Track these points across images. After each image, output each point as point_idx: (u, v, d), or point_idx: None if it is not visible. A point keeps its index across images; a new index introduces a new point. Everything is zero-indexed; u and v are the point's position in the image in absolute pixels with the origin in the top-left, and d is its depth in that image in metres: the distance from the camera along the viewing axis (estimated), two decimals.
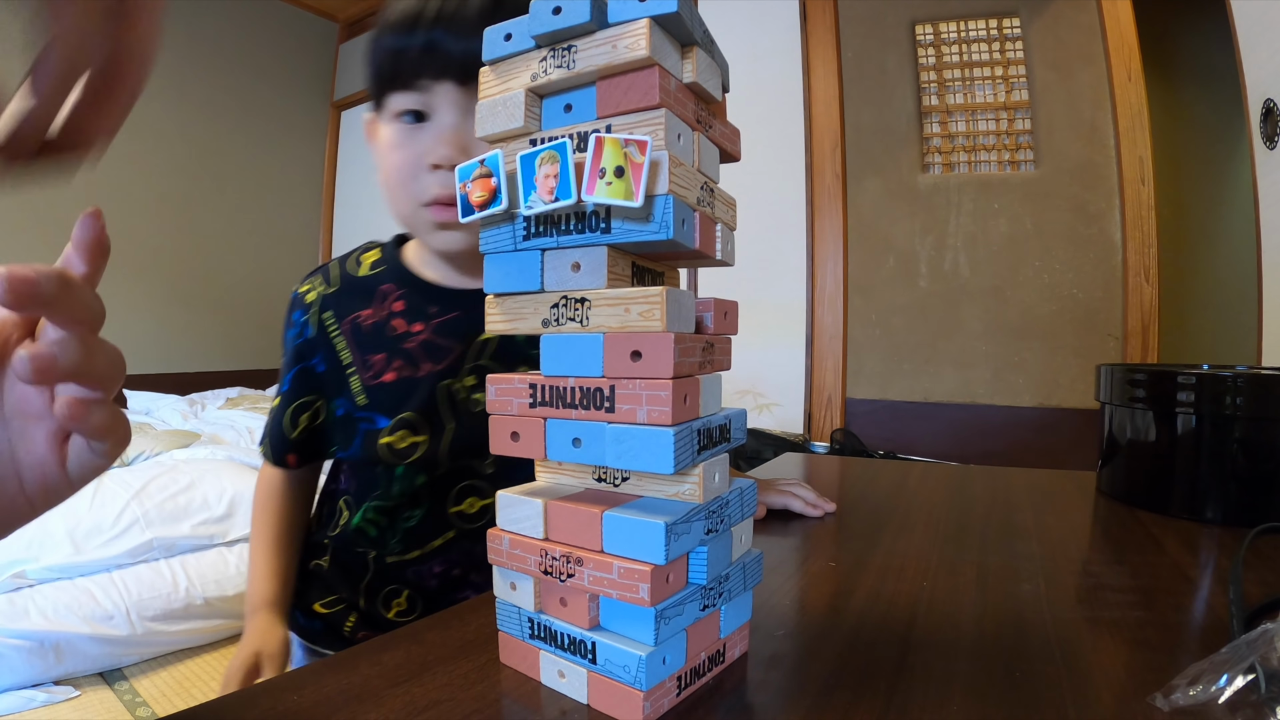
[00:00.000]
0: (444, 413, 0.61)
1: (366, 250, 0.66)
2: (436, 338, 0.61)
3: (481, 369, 0.61)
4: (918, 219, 2.33)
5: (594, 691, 0.34)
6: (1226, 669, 0.33)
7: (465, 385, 0.61)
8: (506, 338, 0.61)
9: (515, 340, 0.62)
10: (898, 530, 0.66)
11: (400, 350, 0.60)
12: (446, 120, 0.56)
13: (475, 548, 0.63)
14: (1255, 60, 1.71)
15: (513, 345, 0.62)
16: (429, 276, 0.63)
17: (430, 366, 0.60)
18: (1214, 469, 0.70)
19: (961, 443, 2.24)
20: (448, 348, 0.61)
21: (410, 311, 0.61)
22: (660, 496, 0.35)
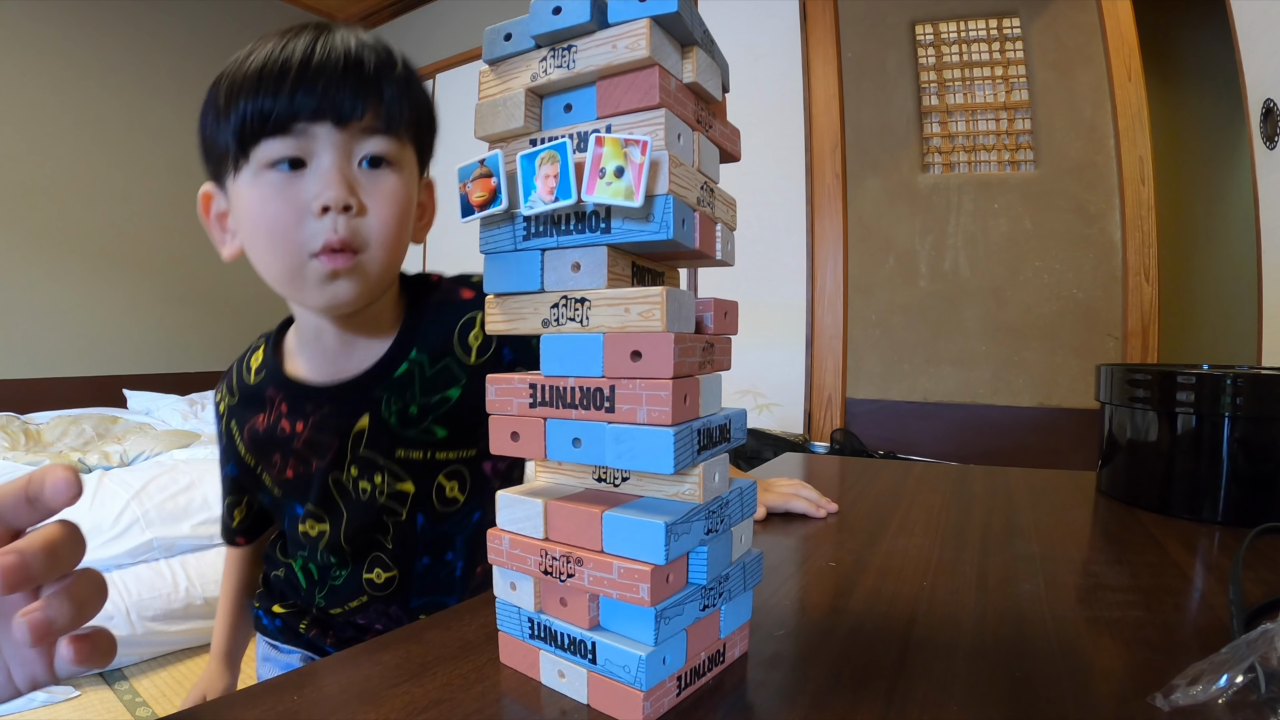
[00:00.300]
0: (338, 501, 0.63)
1: (254, 352, 0.66)
2: (317, 435, 0.61)
3: (361, 459, 0.61)
4: (918, 219, 2.33)
5: (594, 691, 0.34)
6: (1226, 669, 0.33)
7: (351, 475, 0.62)
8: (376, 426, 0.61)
9: (388, 426, 0.61)
10: (898, 530, 0.66)
11: (292, 450, 0.62)
12: (327, 161, 0.52)
13: (389, 608, 0.66)
14: (1255, 60, 1.71)
15: (386, 431, 0.61)
16: (302, 374, 0.63)
17: (318, 462, 0.61)
18: (1214, 469, 0.70)
19: (961, 443, 2.24)
20: (328, 443, 0.61)
21: (293, 412, 0.62)
22: (660, 496, 0.35)
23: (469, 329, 0.63)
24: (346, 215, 0.52)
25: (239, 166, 0.53)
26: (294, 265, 0.53)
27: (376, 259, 0.55)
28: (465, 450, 0.64)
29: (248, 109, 0.51)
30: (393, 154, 0.55)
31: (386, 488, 0.62)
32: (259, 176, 0.53)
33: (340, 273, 0.53)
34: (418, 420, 0.61)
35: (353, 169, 0.54)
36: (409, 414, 0.61)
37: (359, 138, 0.53)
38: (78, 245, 2.99)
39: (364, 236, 0.53)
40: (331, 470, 0.61)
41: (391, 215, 0.54)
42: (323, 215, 0.52)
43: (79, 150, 3.01)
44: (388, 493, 0.62)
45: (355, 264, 0.53)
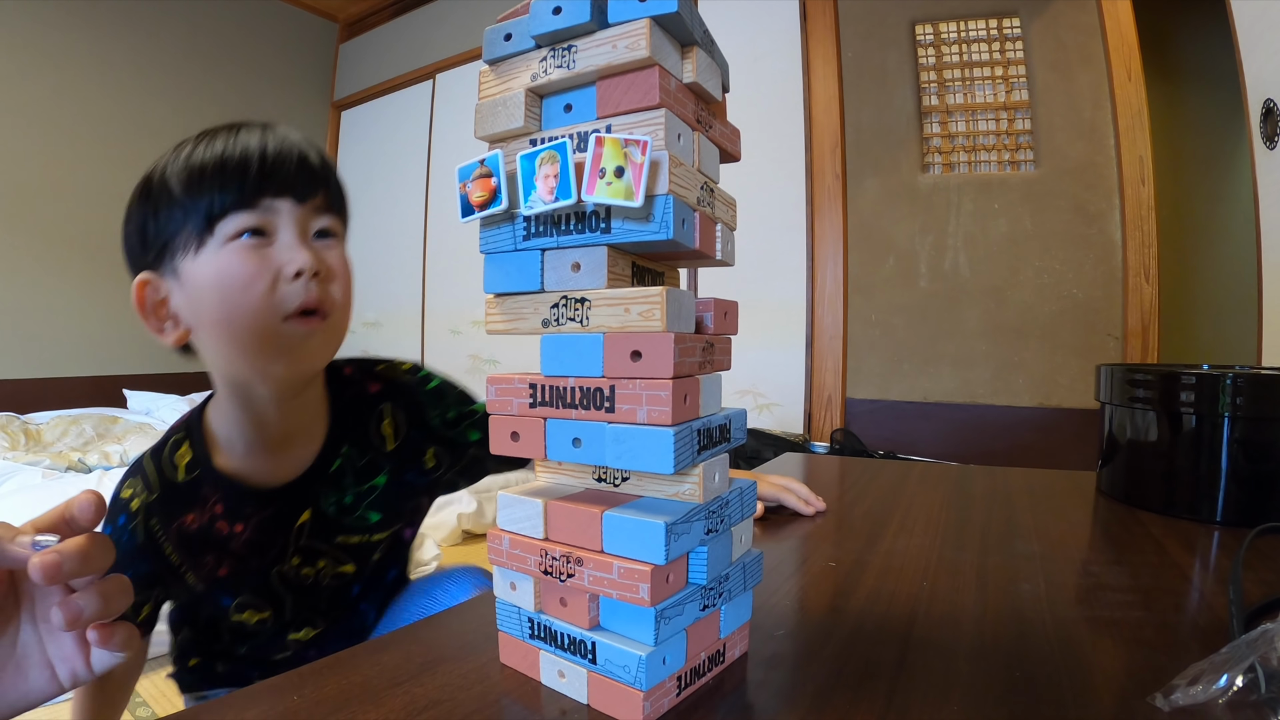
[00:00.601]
0: (280, 591, 0.64)
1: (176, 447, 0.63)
2: (260, 535, 0.62)
3: (304, 549, 0.64)
4: (918, 219, 2.33)
5: (594, 691, 0.34)
6: (1226, 669, 0.33)
7: (293, 565, 0.63)
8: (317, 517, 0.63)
9: (328, 516, 0.64)
10: (898, 530, 0.66)
11: (229, 550, 0.61)
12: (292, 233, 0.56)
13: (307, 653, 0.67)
14: (1255, 60, 1.71)
15: (326, 521, 0.64)
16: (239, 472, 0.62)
17: (259, 560, 0.62)
18: (1214, 469, 0.70)
19: (961, 443, 2.23)
20: (271, 541, 0.62)
21: (231, 513, 0.61)
22: (660, 496, 0.35)
23: (380, 421, 0.67)
24: (316, 280, 0.56)
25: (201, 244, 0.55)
26: (266, 328, 0.55)
27: (341, 322, 0.59)
28: (394, 527, 0.69)
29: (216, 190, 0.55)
30: (337, 228, 0.61)
31: (329, 570, 0.65)
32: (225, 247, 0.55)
33: (315, 334, 0.56)
34: (353, 508, 0.65)
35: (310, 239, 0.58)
36: (345, 504, 0.65)
37: (312, 215, 0.58)
38: (78, 245, 2.99)
39: (332, 299, 0.57)
40: (274, 564, 0.63)
41: (347, 280, 0.60)
42: (295, 280, 0.55)
43: (79, 150, 3.01)
44: (331, 574, 0.65)
45: (327, 325, 0.57)
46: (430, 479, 0.70)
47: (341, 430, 0.65)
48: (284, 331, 0.55)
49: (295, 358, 0.57)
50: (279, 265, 0.55)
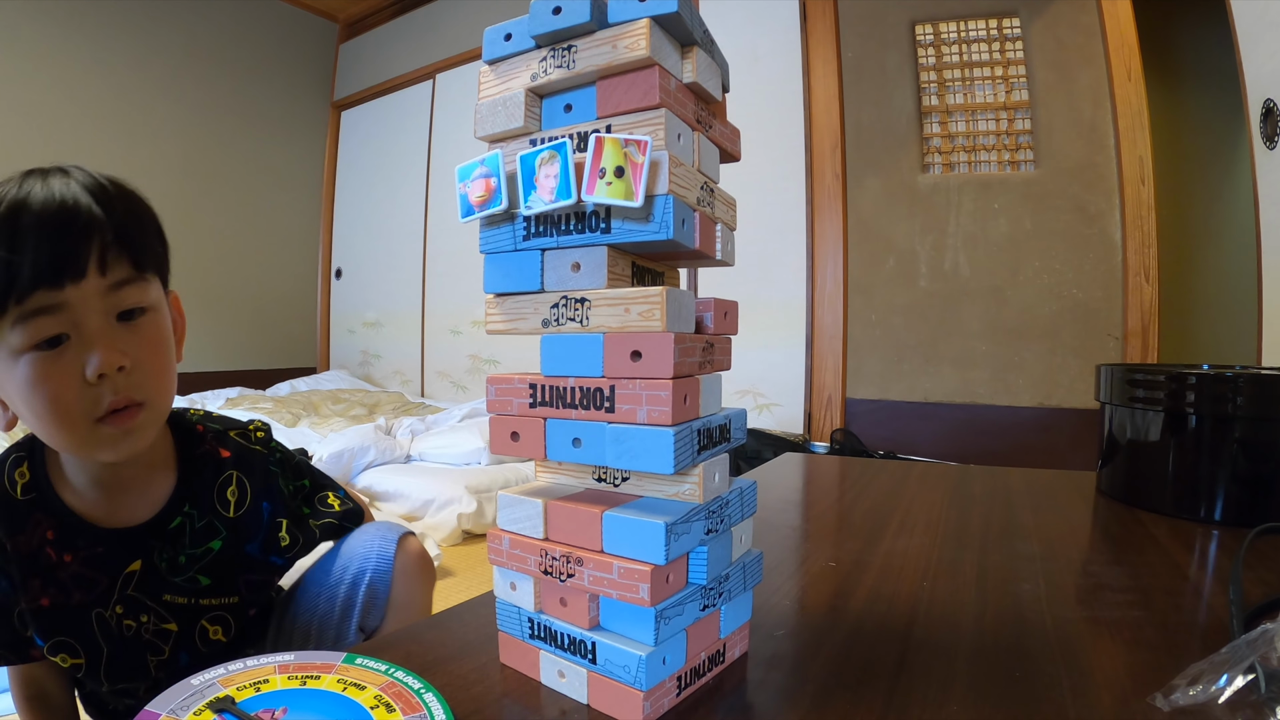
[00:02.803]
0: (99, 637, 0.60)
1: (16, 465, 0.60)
2: (85, 569, 0.59)
3: (129, 599, 0.61)
4: (918, 219, 2.33)
5: (594, 691, 0.34)
6: (1226, 669, 0.33)
7: (116, 613, 0.60)
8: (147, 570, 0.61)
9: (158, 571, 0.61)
10: (898, 530, 0.66)
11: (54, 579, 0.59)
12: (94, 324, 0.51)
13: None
14: (1255, 60, 1.71)
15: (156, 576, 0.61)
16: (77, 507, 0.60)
17: (81, 596, 0.59)
18: (1214, 469, 0.70)
19: (961, 443, 2.23)
20: (95, 579, 0.60)
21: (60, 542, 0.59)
22: (660, 496, 0.35)
23: (226, 486, 0.65)
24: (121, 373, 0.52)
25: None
26: (83, 435, 0.53)
27: (158, 406, 0.56)
28: (227, 597, 0.65)
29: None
30: (147, 299, 0.55)
31: (151, 626, 0.62)
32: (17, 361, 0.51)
33: (132, 429, 0.54)
34: (185, 569, 0.62)
35: (111, 324, 0.53)
36: (178, 562, 0.62)
37: (109, 294, 0.52)
38: None
39: (142, 389, 0.54)
40: (95, 606, 0.60)
41: (160, 362, 0.56)
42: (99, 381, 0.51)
43: (79, 150, 3.01)
44: (152, 630, 0.62)
45: (141, 418, 0.54)
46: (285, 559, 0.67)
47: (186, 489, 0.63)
48: (102, 433, 0.53)
49: (118, 451, 0.54)
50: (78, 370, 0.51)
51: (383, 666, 0.33)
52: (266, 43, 3.74)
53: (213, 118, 3.50)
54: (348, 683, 0.32)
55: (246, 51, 3.66)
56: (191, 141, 3.41)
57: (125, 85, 3.17)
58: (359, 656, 0.35)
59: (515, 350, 3.15)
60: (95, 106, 3.07)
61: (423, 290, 3.63)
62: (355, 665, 0.34)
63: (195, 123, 3.42)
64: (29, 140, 2.87)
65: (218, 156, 3.53)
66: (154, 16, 3.28)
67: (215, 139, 3.51)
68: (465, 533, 2.07)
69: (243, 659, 0.36)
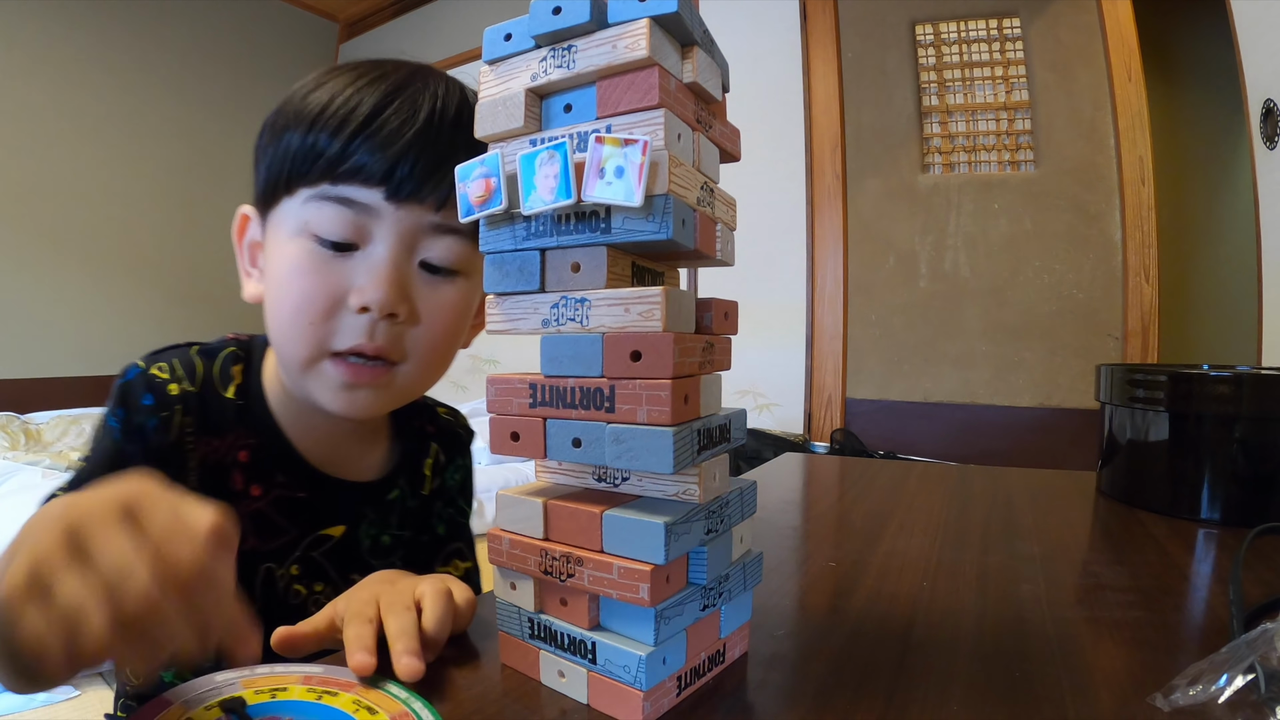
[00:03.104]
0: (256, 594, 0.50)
1: (232, 360, 0.52)
2: (275, 514, 0.50)
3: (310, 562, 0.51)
4: (918, 219, 2.33)
5: (594, 691, 0.34)
6: (1226, 669, 0.33)
7: (290, 573, 0.51)
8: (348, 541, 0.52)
9: (359, 548, 0.53)
10: (898, 530, 0.66)
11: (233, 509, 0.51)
12: (382, 252, 0.44)
13: None
14: (1255, 60, 1.71)
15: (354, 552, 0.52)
16: (292, 436, 0.50)
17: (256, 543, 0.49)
18: (1214, 469, 0.70)
19: (961, 443, 2.23)
20: (282, 528, 0.50)
21: (253, 469, 0.49)
22: (660, 496, 0.35)
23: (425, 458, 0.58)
24: (390, 321, 0.44)
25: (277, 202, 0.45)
26: (309, 358, 0.45)
27: (413, 376, 0.47)
28: None
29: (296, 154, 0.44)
30: (463, 261, 0.46)
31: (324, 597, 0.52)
32: (297, 240, 0.44)
33: (363, 386, 0.45)
34: (388, 552, 0.55)
35: (412, 266, 0.45)
36: (381, 543, 0.54)
37: (427, 233, 0.45)
38: (78, 245, 2.99)
39: (405, 348, 0.46)
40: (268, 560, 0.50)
41: (444, 330, 0.47)
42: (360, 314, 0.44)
43: (79, 150, 3.01)
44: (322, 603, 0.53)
45: (386, 378, 0.46)
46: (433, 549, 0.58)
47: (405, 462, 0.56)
48: (328, 370, 0.45)
49: (333, 401, 0.46)
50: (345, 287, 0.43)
51: (403, 694, 0.33)
52: (266, 43, 3.74)
53: (213, 118, 3.50)
54: (363, 705, 0.32)
55: (247, 51, 3.66)
56: (192, 142, 3.41)
57: (125, 85, 3.17)
58: (382, 680, 0.34)
59: (515, 350, 3.15)
60: (95, 106, 3.07)
61: None
62: (376, 689, 0.34)
63: (196, 123, 3.42)
64: (29, 140, 2.87)
65: (218, 157, 3.53)
66: (154, 17, 3.28)
67: (216, 139, 3.51)
68: None
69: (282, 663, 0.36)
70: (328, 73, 0.47)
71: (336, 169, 0.43)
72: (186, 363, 0.49)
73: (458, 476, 0.61)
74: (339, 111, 0.43)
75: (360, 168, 0.42)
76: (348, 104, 0.43)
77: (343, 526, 0.52)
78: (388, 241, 0.44)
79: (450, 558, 0.59)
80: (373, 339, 0.44)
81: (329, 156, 0.43)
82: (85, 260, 3.01)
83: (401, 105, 0.44)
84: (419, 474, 0.57)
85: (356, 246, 0.44)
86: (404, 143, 0.43)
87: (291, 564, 0.51)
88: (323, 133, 0.43)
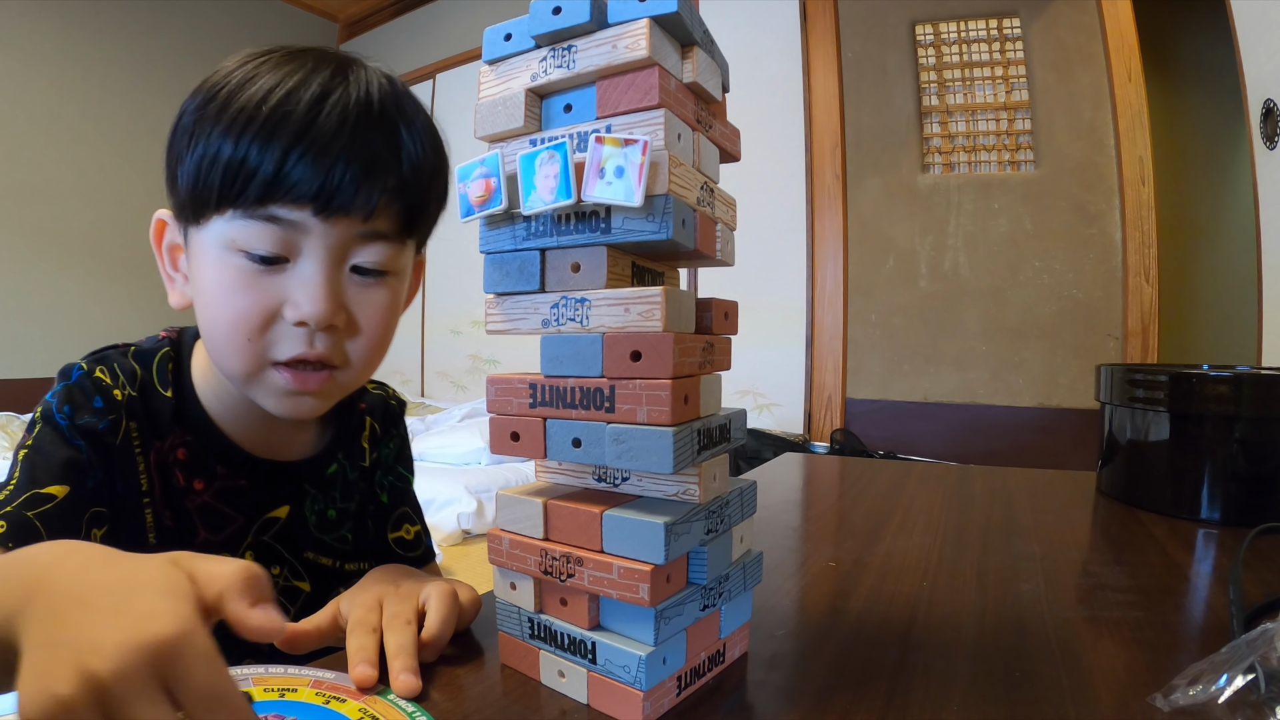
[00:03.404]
0: None
1: (166, 361, 0.52)
2: (219, 504, 0.50)
3: (263, 546, 0.52)
4: (918, 219, 2.33)
5: (594, 691, 0.34)
6: (1226, 669, 0.33)
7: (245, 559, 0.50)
8: (294, 520, 0.53)
9: (305, 525, 0.54)
10: (898, 530, 0.66)
11: (177, 508, 0.49)
12: (313, 268, 0.43)
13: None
14: (1255, 60, 1.71)
15: (302, 530, 0.53)
16: (224, 425, 0.51)
17: (206, 535, 0.50)
18: (1214, 469, 0.70)
19: (961, 443, 2.23)
20: (229, 518, 0.50)
21: (192, 464, 0.49)
22: (660, 496, 0.35)
23: (361, 432, 0.59)
24: (330, 333, 0.45)
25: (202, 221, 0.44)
26: (251, 370, 0.45)
27: (355, 375, 0.48)
28: (364, 563, 0.58)
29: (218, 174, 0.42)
30: (391, 262, 0.47)
31: (281, 581, 0.53)
32: (225, 255, 0.43)
33: (308, 393, 0.46)
34: (335, 526, 0.56)
35: (343, 275, 0.45)
36: (327, 517, 0.55)
37: (356, 242, 0.44)
38: (78, 245, 2.99)
39: (345, 353, 0.46)
40: (221, 549, 0.51)
41: (381, 331, 0.47)
42: (297, 326, 0.44)
43: (79, 150, 3.01)
44: (281, 587, 0.53)
45: (329, 383, 0.46)
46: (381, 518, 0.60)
47: (342, 435, 0.57)
48: (272, 378, 0.45)
49: (279, 406, 0.46)
50: (280, 301, 0.43)
51: (410, 708, 0.33)
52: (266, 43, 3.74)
53: None
54: (368, 714, 0.32)
55: None
56: None
57: (125, 85, 3.17)
58: (388, 690, 0.34)
59: (515, 350, 3.15)
60: (95, 107, 3.07)
61: (423, 290, 3.62)
62: (384, 699, 0.34)
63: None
64: (29, 140, 2.87)
65: None
66: (154, 17, 3.28)
67: None
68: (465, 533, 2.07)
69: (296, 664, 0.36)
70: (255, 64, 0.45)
71: (267, 190, 0.42)
72: (126, 368, 0.50)
73: (393, 445, 0.62)
74: (270, 119, 0.41)
75: (290, 187, 0.42)
76: (278, 110, 0.42)
77: (287, 507, 0.53)
78: (318, 255, 0.43)
79: (400, 522, 0.61)
80: (313, 347, 0.44)
81: (260, 179, 0.42)
82: (85, 260, 3.01)
83: (331, 111, 0.42)
84: (357, 447, 0.58)
85: (287, 260, 0.44)
86: (333, 156, 0.42)
87: (245, 550, 0.52)
88: (254, 144, 0.41)
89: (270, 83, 0.43)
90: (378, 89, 0.45)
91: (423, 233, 0.50)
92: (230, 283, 0.43)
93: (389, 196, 0.44)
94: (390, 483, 0.61)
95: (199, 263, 0.46)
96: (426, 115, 0.49)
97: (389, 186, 0.44)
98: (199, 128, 0.44)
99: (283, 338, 0.44)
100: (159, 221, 0.51)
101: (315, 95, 0.42)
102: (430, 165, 0.47)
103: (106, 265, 3.06)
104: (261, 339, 0.44)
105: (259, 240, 0.42)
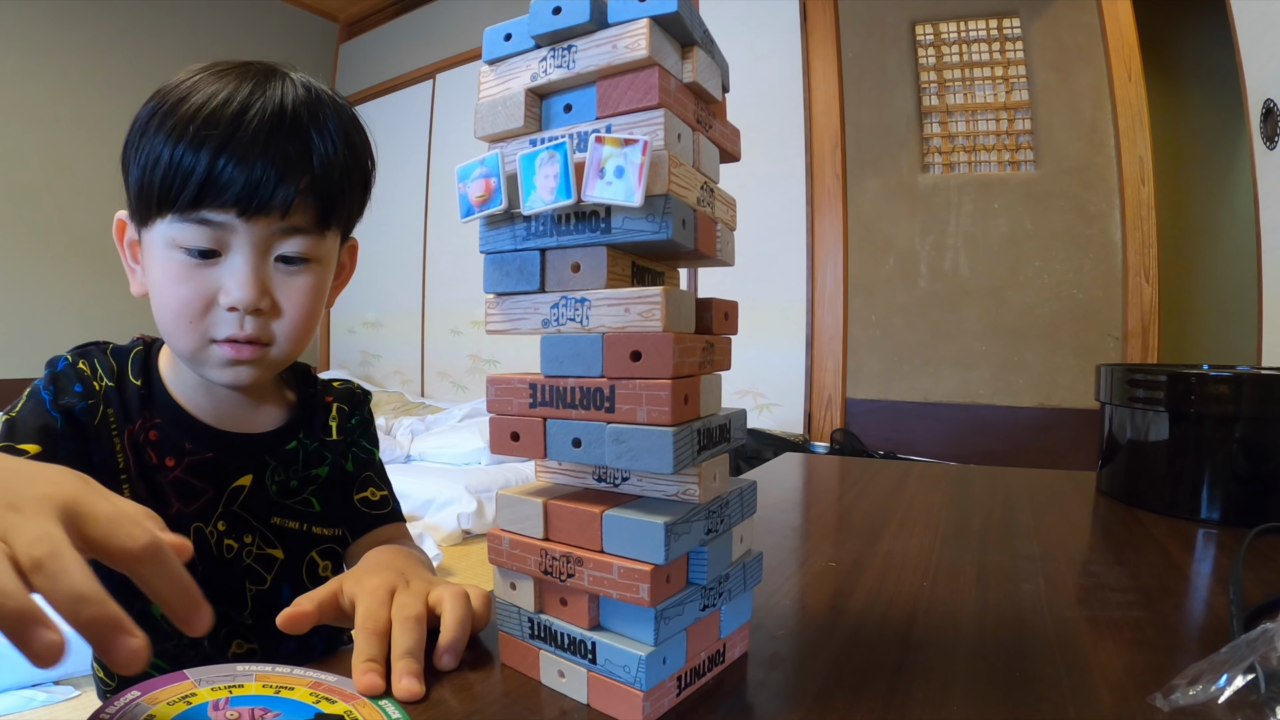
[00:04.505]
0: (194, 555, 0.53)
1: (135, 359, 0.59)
2: (190, 477, 0.56)
3: (233, 516, 0.57)
4: (918, 219, 2.33)
5: (594, 691, 0.34)
6: (1226, 669, 0.33)
7: (217, 530, 0.56)
8: (257, 489, 0.58)
9: (268, 493, 0.59)
10: (898, 530, 0.66)
11: (152, 484, 0.55)
12: (240, 260, 0.50)
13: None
14: (1255, 60, 1.71)
15: (265, 497, 0.59)
16: (189, 406, 0.57)
17: (181, 507, 0.55)
18: (1214, 469, 0.70)
19: (961, 443, 2.24)
20: (200, 490, 0.56)
21: (163, 443, 0.56)
22: (660, 496, 0.35)
23: (328, 414, 0.65)
24: (257, 314, 0.51)
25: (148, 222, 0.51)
26: (196, 348, 0.52)
27: (284, 351, 0.54)
28: (335, 529, 0.63)
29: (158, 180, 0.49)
30: (312, 251, 0.53)
31: (255, 550, 0.58)
32: (168, 252, 0.51)
33: (243, 361, 0.52)
34: (297, 492, 0.61)
35: (268, 265, 0.52)
36: (289, 486, 0.60)
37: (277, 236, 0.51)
38: (78, 245, 2.99)
39: (272, 332, 0.53)
40: (195, 519, 0.56)
41: (304, 314, 0.54)
42: (230, 310, 0.51)
43: (79, 150, 3.01)
44: (254, 555, 0.58)
45: (261, 355, 0.53)
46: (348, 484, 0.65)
47: (302, 420, 0.62)
48: (213, 352, 0.52)
49: (224, 376, 0.53)
50: (216, 290, 0.50)
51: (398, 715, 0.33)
52: (266, 43, 3.74)
53: None
54: (355, 718, 0.32)
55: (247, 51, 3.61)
56: None
57: (125, 86, 3.17)
58: (385, 700, 0.34)
59: (515, 350, 3.15)
60: (95, 107, 3.07)
61: (423, 290, 3.63)
62: (375, 705, 0.34)
63: None
64: (29, 140, 2.87)
65: None
66: (154, 17, 3.28)
67: None
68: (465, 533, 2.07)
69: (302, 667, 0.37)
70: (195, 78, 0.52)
71: (199, 196, 0.48)
72: (105, 363, 0.57)
73: (355, 421, 0.67)
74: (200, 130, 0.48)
75: (218, 193, 0.48)
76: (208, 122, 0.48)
77: (250, 476, 0.58)
78: (244, 250, 0.51)
79: (365, 485, 0.66)
80: (244, 329, 0.51)
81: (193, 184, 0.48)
82: (85, 260, 3.01)
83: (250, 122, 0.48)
84: (321, 427, 0.64)
85: (219, 254, 0.51)
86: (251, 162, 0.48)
87: (217, 520, 0.57)
88: (186, 152, 0.48)
89: (202, 98, 0.49)
90: (293, 98, 0.51)
91: (342, 222, 0.56)
92: (174, 275, 0.51)
93: (303, 195, 0.50)
94: (354, 454, 0.66)
95: (149, 259, 0.53)
96: (345, 117, 0.55)
97: (303, 186, 0.50)
98: (144, 138, 0.51)
99: (219, 320, 0.51)
100: (119, 221, 0.57)
101: (238, 109, 0.49)
102: (342, 163, 0.53)
103: (105, 265, 3.06)
104: (202, 322, 0.51)
105: (194, 239, 0.50)
